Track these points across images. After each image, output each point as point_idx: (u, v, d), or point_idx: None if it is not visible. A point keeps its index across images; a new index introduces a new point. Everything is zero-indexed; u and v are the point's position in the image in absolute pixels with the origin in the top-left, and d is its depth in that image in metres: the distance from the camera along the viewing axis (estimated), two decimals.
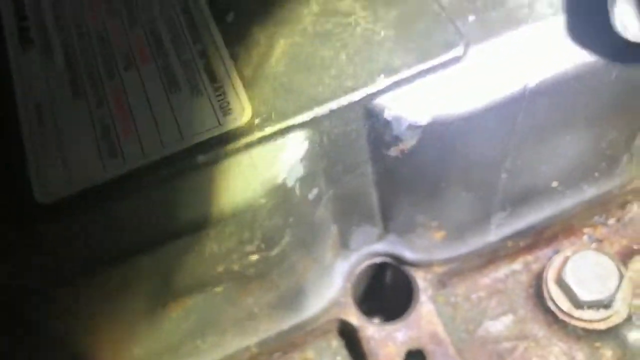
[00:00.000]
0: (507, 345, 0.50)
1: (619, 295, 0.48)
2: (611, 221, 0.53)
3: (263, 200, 0.38)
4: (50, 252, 0.37)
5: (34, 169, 0.38)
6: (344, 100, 0.39)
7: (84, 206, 0.37)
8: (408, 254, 0.50)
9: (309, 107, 0.39)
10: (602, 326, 0.48)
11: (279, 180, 0.39)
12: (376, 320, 0.53)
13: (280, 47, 0.41)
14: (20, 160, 0.38)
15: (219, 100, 0.39)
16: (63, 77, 0.41)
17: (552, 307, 0.49)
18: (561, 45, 0.40)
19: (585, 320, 0.48)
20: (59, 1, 0.45)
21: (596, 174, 0.50)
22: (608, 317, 0.48)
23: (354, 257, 0.50)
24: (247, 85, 0.40)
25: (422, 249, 0.50)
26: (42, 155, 0.38)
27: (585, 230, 0.53)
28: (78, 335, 0.42)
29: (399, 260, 0.50)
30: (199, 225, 0.38)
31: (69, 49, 0.43)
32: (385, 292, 0.53)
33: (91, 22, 0.44)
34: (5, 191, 0.38)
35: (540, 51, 0.40)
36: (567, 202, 0.51)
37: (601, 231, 0.53)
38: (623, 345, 0.48)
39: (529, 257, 0.53)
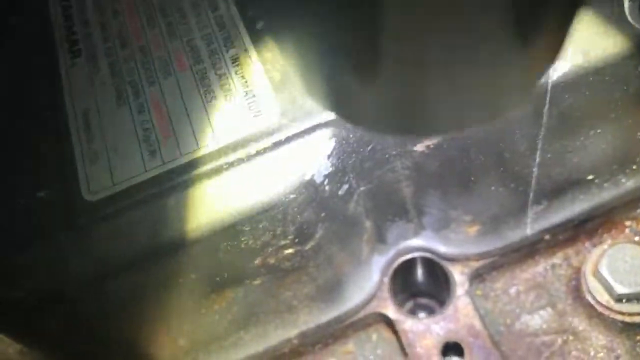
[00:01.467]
0: (545, 338, 0.50)
1: None
2: None
3: (293, 196, 0.40)
4: (97, 248, 0.40)
5: (82, 170, 0.41)
6: None
7: (127, 203, 0.41)
8: (444, 249, 0.51)
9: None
10: None
11: (308, 177, 0.41)
12: (421, 314, 0.54)
13: None
14: (70, 162, 0.42)
15: (249, 103, 0.42)
16: (107, 84, 0.45)
17: (591, 300, 0.49)
18: (580, 41, 0.40)
19: (624, 314, 0.48)
20: (104, 15, 0.49)
21: (634, 166, 0.49)
22: None
23: (390, 252, 0.51)
24: (275, 88, 0.42)
25: (458, 243, 0.50)
26: (89, 158, 0.42)
27: (628, 222, 0.52)
28: (126, 329, 0.44)
29: (436, 255, 0.51)
30: (232, 220, 0.40)
31: (113, 59, 0.46)
32: (423, 286, 0.54)
33: (133, 33, 0.47)
34: (56, 191, 0.41)
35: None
36: (606, 194, 0.50)
37: None
38: None
39: (570, 251, 0.52)
